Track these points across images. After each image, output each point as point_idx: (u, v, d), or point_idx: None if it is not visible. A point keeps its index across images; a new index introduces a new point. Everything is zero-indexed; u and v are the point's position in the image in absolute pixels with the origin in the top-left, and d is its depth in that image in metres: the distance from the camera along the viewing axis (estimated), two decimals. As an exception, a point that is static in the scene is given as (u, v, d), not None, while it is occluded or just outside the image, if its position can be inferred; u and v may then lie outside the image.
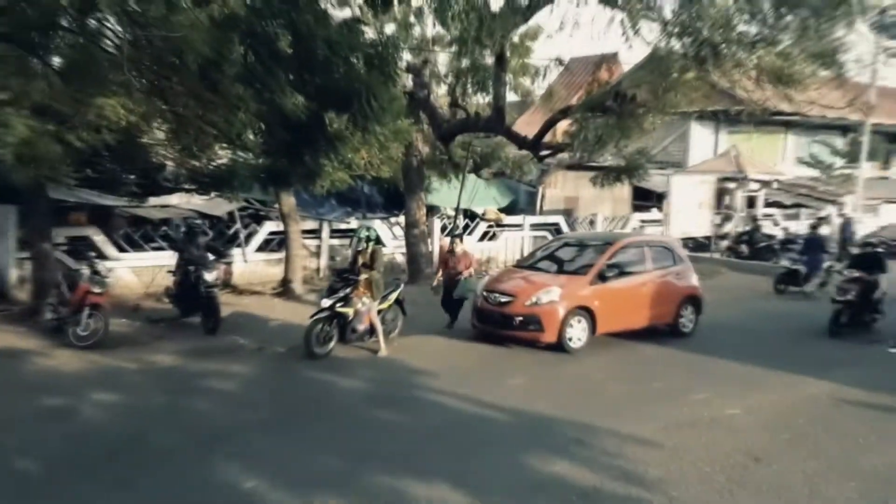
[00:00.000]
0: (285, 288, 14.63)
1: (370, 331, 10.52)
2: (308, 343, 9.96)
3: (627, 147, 14.61)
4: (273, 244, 16.03)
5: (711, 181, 21.09)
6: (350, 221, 17.72)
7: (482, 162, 17.66)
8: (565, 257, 12.45)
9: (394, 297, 11.06)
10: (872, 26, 12.68)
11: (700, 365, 10.42)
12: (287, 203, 14.65)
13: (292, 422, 7.75)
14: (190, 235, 12.01)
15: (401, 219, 17.44)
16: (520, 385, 9.29)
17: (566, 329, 10.78)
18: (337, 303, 10.11)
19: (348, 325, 10.31)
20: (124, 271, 13.99)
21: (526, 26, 15.14)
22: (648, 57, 13.91)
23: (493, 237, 19.40)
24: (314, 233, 16.73)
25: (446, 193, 19.14)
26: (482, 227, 19.31)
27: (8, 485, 6.16)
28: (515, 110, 23.17)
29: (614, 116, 13.46)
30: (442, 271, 12.27)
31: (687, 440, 7.27)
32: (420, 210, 16.59)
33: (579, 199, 23.19)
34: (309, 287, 14.91)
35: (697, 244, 20.92)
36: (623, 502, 5.96)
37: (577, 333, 10.91)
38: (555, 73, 16.29)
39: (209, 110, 9.77)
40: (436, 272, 12.65)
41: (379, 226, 17.00)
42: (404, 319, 11.33)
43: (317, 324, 10.04)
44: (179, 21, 8.37)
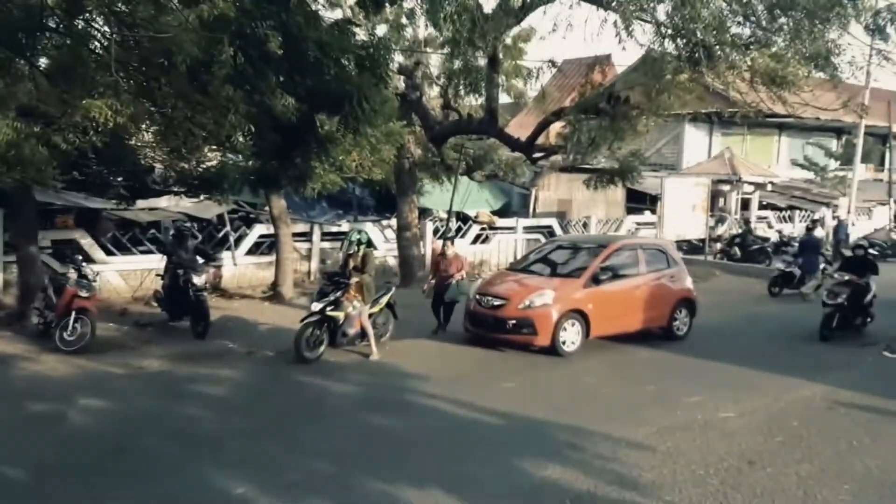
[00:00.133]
0: (275, 291, 14.53)
1: (361, 335, 10.45)
2: (298, 347, 9.88)
3: (621, 149, 14.61)
4: (263, 247, 15.93)
5: (705, 183, 21.09)
6: (341, 224, 17.64)
7: (475, 164, 17.58)
8: (559, 260, 12.39)
9: (385, 301, 10.99)
10: (866, 28, 12.64)
11: (694, 368, 10.38)
12: (277, 206, 14.56)
13: (283, 426, 7.67)
14: (179, 238, 11.91)
15: (393, 221, 17.37)
16: (513, 389, 9.22)
17: (559, 332, 10.72)
18: (327, 306, 10.02)
19: (339, 329, 10.23)
20: (112, 275, 13.87)
21: (519, 28, 15.17)
22: (642, 59, 13.93)
23: (486, 240, 19.35)
24: (305, 236, 16.64)
25: (439, 196, 19.06)
26: (475, 230, 19.24)
27: (-9, 492, 6.06)
28: (508, 112, 23.15)
29: (607, 118, 13.46)
30: (434, 274, 12.16)
31: (681, 443, 7.23)
32: (412, 213, 16.52)
33: (573, 202, 23.14)
34: (300, 290, 14.82)
35: (691, 247, 20.90)
36: (617, 507, 5.90)
37: (571, 337, 10.85)
38: (548, 75, 16.24)
39: (198, 112, 9.67)
40: (428, 276, 12.53)
41: (371, 229, 16.92)
42: (395, 323, 11.25)
43: (307, 328, 9.96)
44: (168, 22, 8.29)
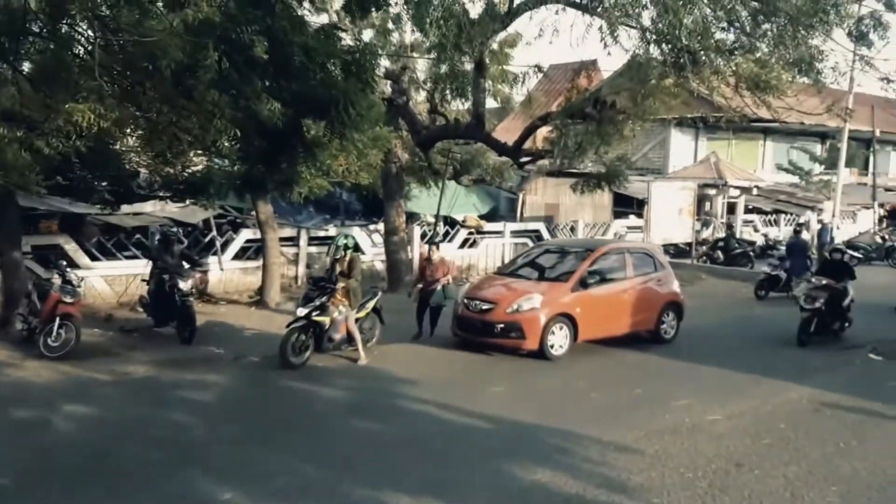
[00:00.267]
0: (262, 296, 14.45)
1: (347, 340, 10.39)
2: (283, 353, 9.81)
3: (607, 154, 14.64)
4: (250, 252, 15.85)
5: (692, 187, 21.21)
6: (328, 229, 17.58)
7: (462, 168, 17.59)
8: (546, 264, 12.40)
9: (371, 306, 10.94)
10: (849, 35, 12.77)
11: (682, 371, 10.41)
12: (264, 210, 14.49)
13: (270, 432, 7.61)
14: (164, 243, 11.81)
15: (380, 226, 17.33)
16: (501, 393, 9.21)
17: (548, 336, 10.71)
18: (313, 312, 9.97)
19: (325, 334, 10.16)
20: (97, 280, 13.74)
21: (505, 33, 15.16)
22: (627, 64, 13.97)
23: (474, 244, 19.34)
24: (292, 240, 16.57)
25: (426, 200, 19.05)
26: (462, 234, 19.24)
27: (-27, 501, 5.98)
28: (495, 117, 23.16)
29: (594, 123, 13.49)
30: (420, 279, 12.08)
31: (669, 446, 7.24)
32: (399, 217, 16.49)
33: (560, 206, 23.21)
34: (287, 295, 14.74)
35: (678, 250, 21.00)
36: (605, 511, 5.90)
37: (559, 341, 10.85)
38: (534, 80, 16.27)
39: (183, 117, 9.62)
40: (415, 281, 12.45)
41: (358, 233, 16.89)
42: (383, 328, 11.21)
43: (292, 333, 9.90)
44: (152, 26, 8.24)
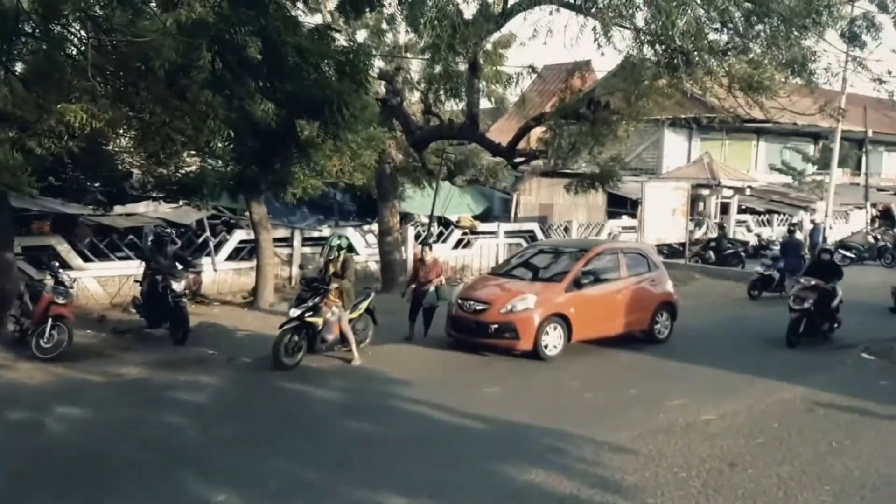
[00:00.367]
0: (256, 297, 14.42)
1: (341, 340, 10.37)
2: (276, 354, 9.79)
3: (601, 154, 14.68)
4: (243, 253, 15.81)
5: (685, 188, 21.26)
6: (322, 229, 17.56)
7: (456, 169, 17.60)
8: (540, 264, 12.40)
9: (364, 306, 10.92)
10: (842, 36, 12.83)
11: (675, 371, 10.43)
12: (258, 211, 14.44)
13: (263, 433, 7.59)
14: (158, 244, 11.77)
15: (374, 227, 17.31)
16: (495, 393, 9.21)
17: (542, 336, 10.72)
18: (305, 312, 9.95)
19: (317, 335, 10.14)
20: (89, 281, 13.69)
21: (499, 34, 15.18)
22: (621, 65, 14.01)
23: (468, 245, 19.34)
24: (286, 241, 16.54)
25: (420, 201, 19.05)
26: (456, 235, 19.24)
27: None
28: (489, 117, 23.18)
29: (588, 124, 13.52)
30: (413, 280, 12.07)
31: (663, 446, 7.25)
32: (394, 218, 16.48)
33: (554, 206, 23.24)
34: (281, 296, 14.71)
35: (672, 250, 21.04)
36: (599, 511, 5.90)
37: (553, 341, 10.86)
38: (528, 81, 16.31)
39: (176, 117, 9.61)
40: (408, 281, 12.44)
41: (352, 234, 16.86)
42: (377, 328, 11.19)
43: (285, 334, 9.87)
44: (145, 26, 8.22)
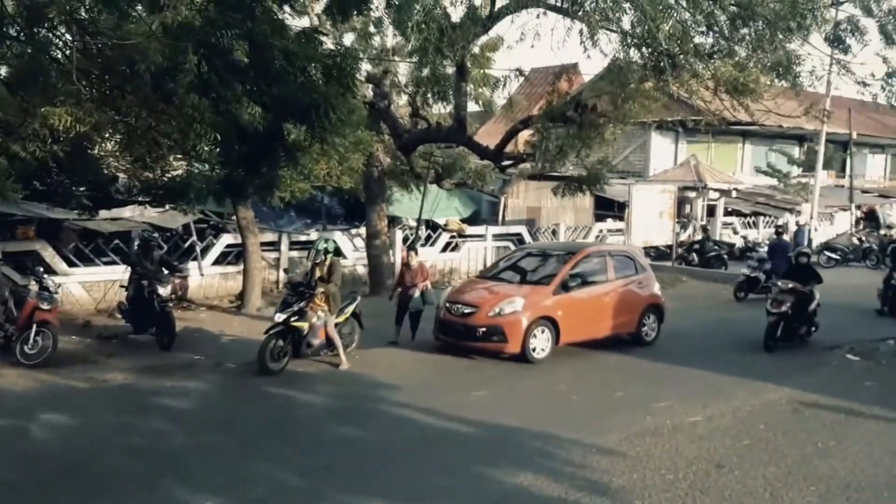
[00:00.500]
0: (243, 302, 14.35)
1: (327, 345, 10.33)
2: (262, 359, 9.73)
3: (588, 157, 14.71)
4: (230, 257, 15.74)
5: (672, 190, 21.36)
6: (310, 233, 17.50)
7: (444, 172, 17.60)
8: (528, 267, 12.41)
9: (350, 310, 10.87)
10: (826, 39, 12.93)
11: (662, 373, 10.46)
12: (245, 215, 14.39)
13: (249, 440, 7.55)
14: (144, 249, 11.67)
15: (362, 230, 17.29)
16: (484, 397, 9.20)
17: (530, 339, 10.73)
18: (291, 317, 9.90)
19: (303, 340, 10.08)
20: (74, 286, 13.59)
21: (486, 37, 15.21)
22: (608, 68, 14.06)
23: (456, 248, 19.35)
24: (273, 245, 16.48)
25: (408, 204, 19.03)
26: (444, 238, 19.24)
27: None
28: (477, 120, 23.21)
29: (575, 126, 13.55)
30: (399, 284, 12.05)
31: (650, 448, 7.27)
32: (381, 221, 16.46)
33: (541, 209, 23.30)
34: (268, 300, 14.65)
35: (659, 253, 21.13)
36: (587, 514, 5.91)
37: (541, 344, 10.87)
38: (515, 84, 16.31)
39: (162, 121, 9.56)
40: (394, 286, 12.41)
41: (340, 237, 16.83)
42: (364, 333, 11.15)
43: (271, 339, 9.82)
44: (131, 30, 8.17)
